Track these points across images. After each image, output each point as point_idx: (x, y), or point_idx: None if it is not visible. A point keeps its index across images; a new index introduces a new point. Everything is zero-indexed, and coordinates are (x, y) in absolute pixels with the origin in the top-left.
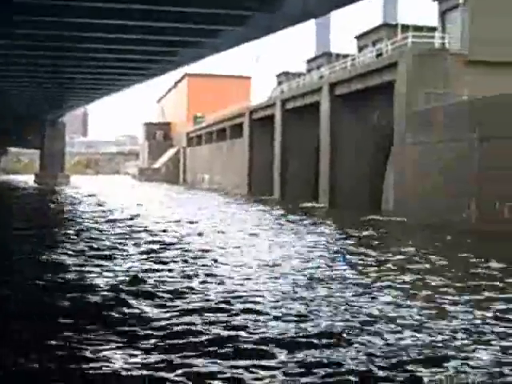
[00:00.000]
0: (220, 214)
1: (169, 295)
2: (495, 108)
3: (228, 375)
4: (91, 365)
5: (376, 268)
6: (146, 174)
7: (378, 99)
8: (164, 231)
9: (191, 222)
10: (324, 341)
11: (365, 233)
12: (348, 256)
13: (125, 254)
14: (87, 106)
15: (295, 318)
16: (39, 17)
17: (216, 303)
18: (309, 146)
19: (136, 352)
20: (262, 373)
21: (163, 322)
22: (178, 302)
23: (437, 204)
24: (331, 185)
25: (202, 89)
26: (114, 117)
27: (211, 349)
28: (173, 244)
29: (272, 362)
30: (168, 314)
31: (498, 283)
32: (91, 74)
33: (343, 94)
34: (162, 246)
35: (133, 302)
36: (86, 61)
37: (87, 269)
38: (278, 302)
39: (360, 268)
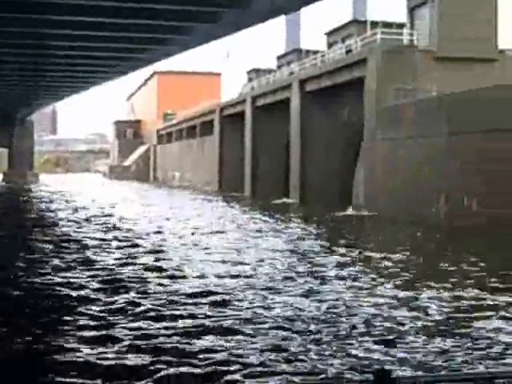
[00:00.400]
0: (192, 213)
1: None
2: (463, 104)
3: None
4: None
5: (335, 261)
6: (117, 171)
7: (348, 95)
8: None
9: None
10: None
11: (330, 228)
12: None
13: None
14: (56, 103)
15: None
16: (2, 13)
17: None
18: (279, 143)
19: None
20: None
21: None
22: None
23: (406, 199)
24: (302, 181)
25: (172, 86)
26: (84, 115)
27: None
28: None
29: None
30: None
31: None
32: (60, 72)
33: (313, 91)
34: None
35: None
36: (54, 58)
37: None
38: None
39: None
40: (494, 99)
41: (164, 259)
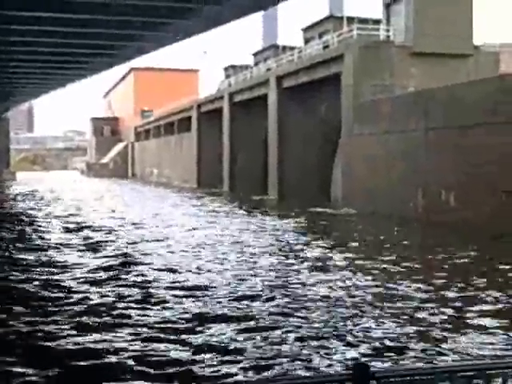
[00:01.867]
0: (175, 211)
1: None
2: (440, 99)
3: None
4: None
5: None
6: (95, 169)
7: (326, 91)
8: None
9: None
10: None
11: (309, 223)
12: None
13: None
14: (32, 100)
15: None
16: None
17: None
18: (257, 139)
19: None
20: None
21: None
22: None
23: (384, 194)
24: (280, 177)
25: (149, 83)
26: (61, 112)
27: None
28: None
29: None
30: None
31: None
32: (35, 68)
33: (290, 87)
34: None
35: None
36: (29, 55)
37: None
38: None
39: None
40: (468, 95)
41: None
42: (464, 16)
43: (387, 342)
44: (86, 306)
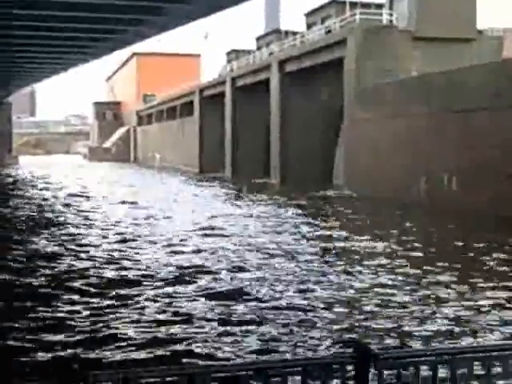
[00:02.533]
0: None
1: None
2: (442, 84)
3: None
4: None
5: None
6: (97, 153)
7: (328, 76)
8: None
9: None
10: None
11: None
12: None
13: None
14: (34, 85)
15: None
16: None
17: None
18: (260, 124)
19: None
20: None
21: None
22: None
23: (387, 179)
24: (282, 161)
25: (152, 67)
26: (63, 96)
27: None
28: None
29: None
30: None
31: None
32: (36, 53)
33: (293, 71)
34: None
35: None
36: (30, 39)
37: None
38: None
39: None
40: (471, 79)
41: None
42: (467, 0)
43: None
44: None
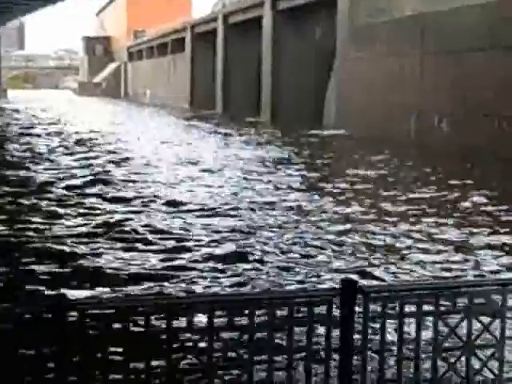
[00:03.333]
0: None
1: None
2: (436, 23)
3: None
4: None
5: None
6: (87, 88)
7: (321, 15)
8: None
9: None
10: None
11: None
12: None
13: None
14: (23, 18)
15: None
16: None
17: None
18: (252, 62)
19: None
20: None
21: None
22: None
23: (377, 118)
24: (273, 100)
25: (142, 2)
26: (53, 30)
27: None
28: None
29: None
30: None
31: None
32: None
33: (286, 9)
34: None
35: None
36: None
37: None
38: None
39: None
40: (465, 19)
41: None
42: None
43: None
44: None
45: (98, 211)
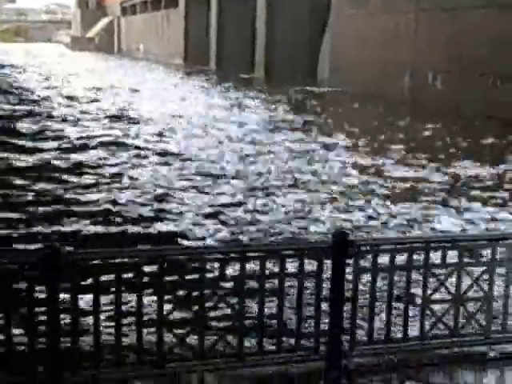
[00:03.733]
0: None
1: None
2: None
3: None
4: None
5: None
6: (80, 42)
7: None
8: None
9: None
10: None
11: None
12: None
13: None
14: None
15: None
16: None
17: None
18: (246, 18)
19: None
20: None
21: None
22: None
23: (371, 74)
24: (267, 56)
25: None
26: None
27: None
28: None
29: None
30: None
31: None
32: None
33: None
34: None
35: None
36: None
37: None
38: None
39: None
40: None
41: None
42: None
43: None
44: None
45: None
